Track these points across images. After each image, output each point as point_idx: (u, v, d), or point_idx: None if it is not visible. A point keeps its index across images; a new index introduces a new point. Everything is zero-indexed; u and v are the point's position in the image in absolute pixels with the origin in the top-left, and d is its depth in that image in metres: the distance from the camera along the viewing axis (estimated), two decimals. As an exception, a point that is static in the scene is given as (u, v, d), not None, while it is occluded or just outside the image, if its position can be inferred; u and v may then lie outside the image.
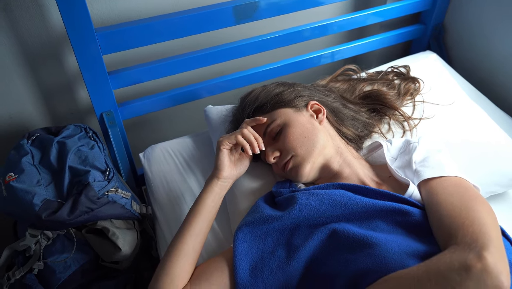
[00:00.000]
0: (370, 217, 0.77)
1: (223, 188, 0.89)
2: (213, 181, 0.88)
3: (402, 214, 0.75)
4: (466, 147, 1.06)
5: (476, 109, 1.15)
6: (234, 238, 0.82)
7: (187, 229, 0.83)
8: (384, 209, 0.76)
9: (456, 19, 1.46)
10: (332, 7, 1.44)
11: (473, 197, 0.73)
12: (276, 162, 0.91)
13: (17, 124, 1.20)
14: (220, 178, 0.88)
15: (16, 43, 1.06)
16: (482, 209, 0.69)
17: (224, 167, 0.88)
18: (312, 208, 0.79)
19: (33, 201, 0.89)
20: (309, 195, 0.82)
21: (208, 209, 0.86)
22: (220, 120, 1.11)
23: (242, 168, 0.93)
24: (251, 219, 0.83)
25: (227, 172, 0.89)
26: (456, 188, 0.75)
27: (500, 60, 1.35)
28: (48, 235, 0.96)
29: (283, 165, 0.90)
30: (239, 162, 0.92)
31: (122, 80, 1.09)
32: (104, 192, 0.96)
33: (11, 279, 0.94)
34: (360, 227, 0.76)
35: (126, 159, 1.15)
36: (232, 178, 0.91)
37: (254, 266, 0.78)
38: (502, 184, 1.06)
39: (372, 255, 0.68)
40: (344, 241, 0.74)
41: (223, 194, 0.90)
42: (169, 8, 1.17)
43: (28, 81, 1.14)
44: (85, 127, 1.10)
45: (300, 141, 0.88)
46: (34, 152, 1.01)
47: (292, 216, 0.79)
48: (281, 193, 0.88)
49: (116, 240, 0.97)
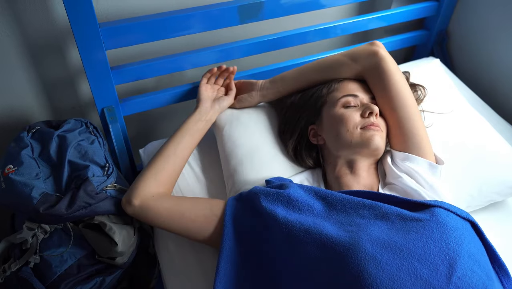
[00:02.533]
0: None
1: (206, 116, 1.04)
2: (195, 110, 1.04)
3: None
4: (466, 154, 1.06)
5: (476, 117, 1.14)
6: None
7: (168, 140, 0.99)
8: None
9: (461, 26, 1.46)
10: (337, 10, 1.44)
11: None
12: (372, 118, 0.91)
13: (18, 116, 1.20)
14: (201, 107, 1.04)
15: (20, 35, 1.06)
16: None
17: (203, 98, 1.06)
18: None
19: (32, 194, 0.89)
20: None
21: (188, 126, 1.01)
22: (222, 117, 1.11)
23: (224, 102, 1.08)
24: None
25: (207, 103, 1.06)
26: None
27: (503, 68, 1.35)
28: (45, 229, 0.96)
29: (377, 124, 0.91)
30: (221, 98, 1.08)
31: (125, 76, 1.09)
32: (103, 187, 0.96)
33: (7, 272, 0.94)
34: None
35: (126, 154, 1.15)
36: (213, 109, 1.06)
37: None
38: (501, 192, 1.06)
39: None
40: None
41: (205, 120, 1.04)
42: (174, 6, 1.17)
43: (30, 74, 1.14)
44: (86, 122, 1.10)
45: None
46: (34, 144, 1.01)
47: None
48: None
49: (113, 235, 0.96)
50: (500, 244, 0.85)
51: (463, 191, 1.03)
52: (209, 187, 1.09)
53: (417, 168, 0.89)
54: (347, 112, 0.93)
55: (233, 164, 1.01)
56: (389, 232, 0.72)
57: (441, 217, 0.73)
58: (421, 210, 0.77)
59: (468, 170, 1.04)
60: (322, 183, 0.96)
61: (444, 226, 0.72)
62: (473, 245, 0.72)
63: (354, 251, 0.68)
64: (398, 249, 0.69)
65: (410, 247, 0.69)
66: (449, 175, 1.03)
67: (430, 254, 0.68)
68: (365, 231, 0.72)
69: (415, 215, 0.75)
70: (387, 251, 0.68)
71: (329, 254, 0.71)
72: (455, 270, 0.66)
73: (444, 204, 0.77)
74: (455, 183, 1.03)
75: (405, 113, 0.92)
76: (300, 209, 0.81)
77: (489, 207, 1.09)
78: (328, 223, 0.77)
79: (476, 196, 1.04)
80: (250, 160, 1.00)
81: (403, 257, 0.68)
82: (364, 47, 0.99)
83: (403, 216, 0.75)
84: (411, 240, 0.70)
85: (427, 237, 0.70)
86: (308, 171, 1.01)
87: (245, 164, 1.00)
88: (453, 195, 1.01)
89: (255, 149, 1.02)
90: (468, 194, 1.04)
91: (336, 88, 0.99)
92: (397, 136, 0.94)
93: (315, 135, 0.99)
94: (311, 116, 1.00)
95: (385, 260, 0.67)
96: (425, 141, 0.92)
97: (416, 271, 0.66)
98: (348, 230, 0.74)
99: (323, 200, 0.82)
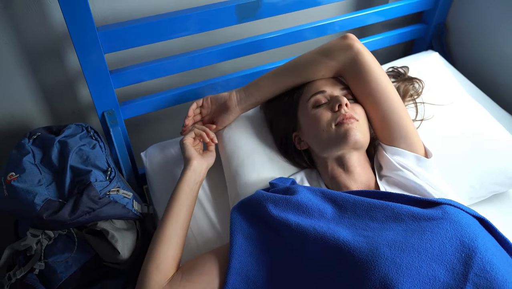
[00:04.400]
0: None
1: (197, 175, 0.95)
2: (186, 170, 0.94)
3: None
4: (467, 145, 1.06)
5: (477, 108, 1.14)
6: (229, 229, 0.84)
7: (166, 215, 0.88)
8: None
9: (459, 18, 1.45)
10: (334, 6, 1.44)
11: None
12: (343, 110, 0.88)
13: (18, 123, 1.20)
14: (192, 166, 0.94)
15: (18, 42, 1.06)
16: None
17: (191, 156, 0.95)
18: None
19: (34, 201, 0.89)
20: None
21: (184, 195, 0.91)
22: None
23: (210, 159, 1.00)
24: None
25: (197, 160, 0.95)
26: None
27: (503, 59, 1.35)
28: (49, 235, 0.96)
29: (349, 115, 0.88)
30: (206, 154, 1.00)
31: (124, 79, 1.09)
32: (106, 192, 0.95)
33: (12, 279, 0.94)
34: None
35: (128, 158, 1.15)
36: (203, 166, 0.97)
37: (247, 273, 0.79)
38: (502, 183, 1.06)
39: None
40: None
41: (198, 180, 0.95)
42: (172, 7, 1.17)
43: (29, 80, 1.14)
44: (87, 126, 1.09)
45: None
46: (36, 151, 1.01)
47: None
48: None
49: (115, 243, 0.96)
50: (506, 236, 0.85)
51: (465, 182, 1.04)
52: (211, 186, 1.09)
53: (407, 162, 0.89)
54: (318, 111, 0.91)
55: (234, 166, 1.01)
56: (405, 233, 0.71)
57: (453, 214, 0.73)
58: (430, 207, 0.76)
59: (469, 160, 1.04)
60: (322, 181, 0.95)
61: (457, 223, 0.71)
62: (487, 239, 0.71)
63: (373, 257, 0.68)
64: (416, 251, 0.68)
65: (428, 248, 0.68)
66: (451, 166, 1.03)
67: (446, 254, 0.68)
68: (380, 235, 0.72)
69: (427, 213, 0.74)
70: (405, 254, 0.68)
71: (348, 261, 0.70)
72: (472, 267, 0.66)
73: (453, 202, 0.77)
74: (457, 174, 1.03)
75: (388, 106, 0.90)
76: (311, 214, 0.79)
77: (491, 199, 1.09)
78: (342, 227, 0.76)
79: (478, 188, 1.04)
80: (251, 160, 1.00)
81: (421, 259, 0.67)
82: (337, 42, 0.94)
83: (415, 216, 0.74)
84: (428, 240, 0.69)
85: (442, 236, 0.70)
86: (308, 170, 1.00)
87: (246, 164, 0.99)
88: (455, 187, 1.01)
89: (256, 149, 1.02)
90: (470, 186, 1.04)
91: (304, 91, 0.97)
92: (383, 129, 0.92)
93: (299, 142, 0.98)
94: (290, 124, 0.99)
95: (405, 263, 0.67)
96: (412, 131, 0.91)
97: (435, 273, 0.66)
98: (363, 235, 0.73)
99: (333, 202, 0.81)
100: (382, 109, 0.91)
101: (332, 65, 0.95)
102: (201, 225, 1.01)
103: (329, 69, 0.96)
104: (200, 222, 1.02)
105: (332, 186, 0.92)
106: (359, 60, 0.92)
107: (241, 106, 1.03)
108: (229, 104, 1.02)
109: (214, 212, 1.04)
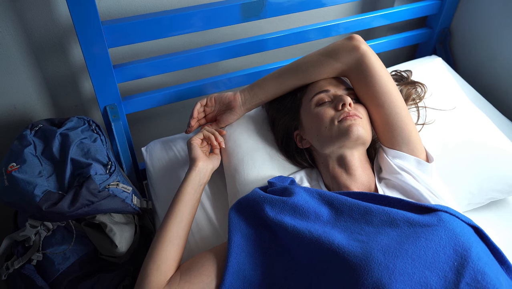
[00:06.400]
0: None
1: (202, 176, 0.94)
2: (191, 171, 0.93)
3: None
4: (467, 151, 1.06)
5: (478, 114, 1.14)
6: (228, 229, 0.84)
7: (170, 216, 0.88)
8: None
9: (463, 24, 1.45)
10: (339, 8, 1.44)
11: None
12: (347, 109, 0.89)
13: (21, 114, 1.20)
14: (197, 167, 0.93)
15: (23, 34, 1.06)
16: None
17: (198, 157, 0.95)
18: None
19: (34, 192, 0.90)
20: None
21: (188, 196, 0.90)
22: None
23: (216, 162, 1.00)
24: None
25: (202, 161, 0.95)
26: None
27: (505, 66, 1.35)
28: (48, 226, 0.96)
29: (353, 113, 0.88)
30: (211, 156, 1.00)
31: (127, 74, 1.09)
32: (105, 186, 0.96)
33: (10, 269, 0.94)
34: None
35: (128, 153, 1.15)
36: (208, 168, 0.96)
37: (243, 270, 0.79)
38: (501, 190, 1.06)
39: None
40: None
41: (203, 182, 0.94)
42: (176, 3, 1.17)
43: (33, 72, 1.14)
44: (89, 120, 1.10)
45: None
46: (37, 142, 1.01)
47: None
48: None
49: (113, 237, 0.97)
50: (501, 243, 0.85)
51: (464, 188, 1.04)
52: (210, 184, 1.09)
53: (408, 165, 0.89)
54: (322, 109, 0.91)
55: (234, 163, 1.01)
56: (399, 239, 0.71)
57: (448, 222, 0.73)
58: (426, 213, 0.76)
59: (469, 166, 1.04)
60: (321, 181, 0.96)
61: (451, 231, 0.71)
62: (480, 248, 0.71)
63: (367, 262, 0.68)
64: (410, 257, 0.68)
65: (421, 255, 0.69)
66: (450, 171, 1.03)
67: (439, 261, 0.68)
68: (375, 240, 0.72)
69: (422, 220, 0.74)
70: (399, 260, 0.68)
71: (342, 265, 0.70)
72: (463, 276, 0.66)
73: (449, 209, 0.77)
74: (456, 179, 1.03)
75: (392, 109, 0.90)
76: (307, 217, 0.80)
77: (489, 205, 1.09)
78: (337, 231, 0.76)
79: (476, 194, 1.04)
80: (251, 158, 1.00)
81: (414, 265, 0.67)
82: (343, 43, 0.94)
83: (411, 222, 0.74)
84: (422, 247, 0.69)
85: (436, 243, 0.70)
86: (308, 169, 1.01)
87: (246, 162, 1.00)
88: (454, 192, 1.01)
89: (256, 147, 1.02)
90: (469, 191, 1.04)
91: (308, 90, 0.97)
92: (385, 132, 0.92)
93: (300, 140, 0.99)
94: (292, 122, 0.99)
95: (398, 269, 0.67)
96: (414, 136, 0.91)
97: (427, 280, 0.66)
98: (358, 239, 0.73)
99: (329, 205, 0.81)
100: (386, 112, 0.91)
101: (337, 67, 0.95)
102: (199, 222, 1.02)
103: (334, 70, 0.96)
104: (198, 219, 1.02)
105: (332, 185, 0.92)
106: (364, 62, 0.91)
107: (246, 107, 1.04)
108: (234, 105, 1.03)
109: (212, 209, 1.04)
